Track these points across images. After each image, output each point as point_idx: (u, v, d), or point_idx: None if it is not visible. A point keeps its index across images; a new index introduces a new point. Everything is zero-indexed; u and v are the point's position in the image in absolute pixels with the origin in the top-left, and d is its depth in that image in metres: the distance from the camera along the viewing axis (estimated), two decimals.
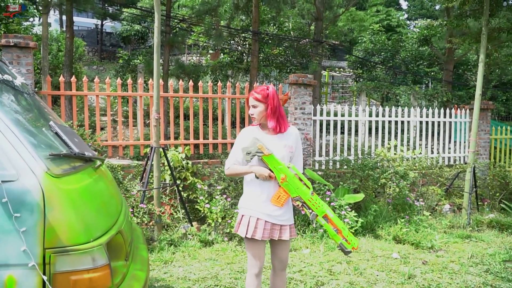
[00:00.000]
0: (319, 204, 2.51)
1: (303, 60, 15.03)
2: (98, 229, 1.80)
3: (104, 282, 1.74)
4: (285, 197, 2.52)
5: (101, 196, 2.03)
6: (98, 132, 5.58)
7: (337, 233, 2.51)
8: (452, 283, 3.93)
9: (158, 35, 4.69)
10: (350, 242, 2.51)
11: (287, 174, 2.49)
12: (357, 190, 6.15)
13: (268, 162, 2.49)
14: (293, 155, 2.66)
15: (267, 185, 2.56)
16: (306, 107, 6.43)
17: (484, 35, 6.31)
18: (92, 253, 1.71)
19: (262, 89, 2.60)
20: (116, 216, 2.06)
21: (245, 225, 2.58)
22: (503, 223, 5.99)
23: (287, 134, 2.66)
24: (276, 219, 2.58)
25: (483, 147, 7.93)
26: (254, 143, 2.49)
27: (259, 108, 2.59)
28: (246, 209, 2.62)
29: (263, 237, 2.56)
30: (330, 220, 2.51)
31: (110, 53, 24.38)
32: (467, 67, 16.64)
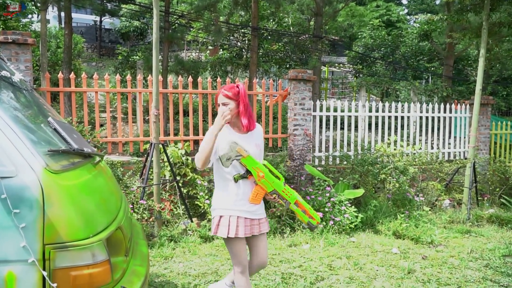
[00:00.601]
0: (291, 192, 2.64)
1: (303, 56, 15.00)
2: (98, 225, 1.80)
3: (104, 278, 1.75)
4: (262, 194, 2.62)
5: (100, 192, 2.03)
6: (97, 129, 5.57)
7: (305, 214, 2.68)
8: (452, 277, 3.94)
9: (157, 31, 4.67)
10: (315, 218, 2.69)
11: (264, 172, 2.57)
12: (357, 185, 6.15)
13: (247, 163, 2.54)
14: (260, 152, 2.71)
15: (242, 183, 2.58)
16: (306, 103, 6.42)
17: (485, 30, 6.29)
18: (92, 248, 1.71)
19: (232, 87, 2.60)
20: (115, 212, 2.06)
21: (226, 225, 2.57)
22: (503, 218, 6.00)
23: (256, 132, 2.69)
24: (254, 214, 2.63)
25: (483, 142, 7.92)
26: (233, 147, 2.54)
27: (229, 105, 2.57)
28: (223, 210, 2.60)
29: (246, 234, 2.59)
30: (300, 204, 2.67)
31: (109, 49, 24.30)
32: (468, 62, 16.60)
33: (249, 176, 2.58)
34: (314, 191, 5.61)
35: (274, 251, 4.50)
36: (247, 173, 2.57)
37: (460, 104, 7.91)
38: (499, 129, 8.44)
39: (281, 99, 6.61)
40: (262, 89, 6.40)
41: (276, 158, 6.13)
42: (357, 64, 17.18)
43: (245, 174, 2.57)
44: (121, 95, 10.97)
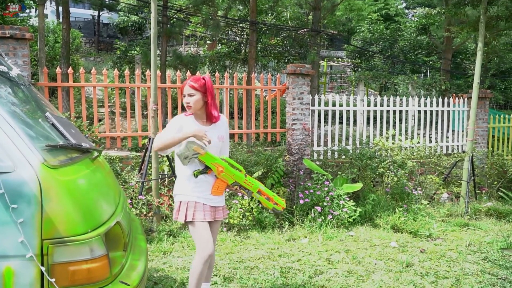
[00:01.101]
0: (253, 182, 2.72)
1: (301, 50, 14.96)
2: (96, 220, 1.80)
3: (102, 273, 1.75)
4: (224, 186, 2.72)
5: (98, 187, 2.03)
6: (95, 124, 5.57)
7: (269, 201, 2.75)
8: (450, 271, 3.96)
9: (155, 25, 4.66)
10: (280, 204, 2.77)
11: (224, 166, 2.64)
12: (356, 179, 6.17)
13: (205, 160, 2.60)
14: (223, 144, 2.79)
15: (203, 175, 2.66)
16: (304, 97, 6.42)
17: (483, 24, 6.28)
18: (90, 243, 1.71)
19: (198, 79, 2.66)
20: (114, 207, 2.06)
21: (184, 211, 2.65)
22: (501, 211, 6.03)
23: (220, 124, 2.77)
24: (212, 201, 2.71)
25: (481, 135, 7.93)
26: (189, 147, 2.58)
27: (195, 96, 2.62)
28: (183, 196, 2.68)
29: (205, 218, 2.66)
30: (263, 192, 2.75)
31: (107, 44, 24.21)
32: (466, 56, 16.58)
33: (209, 171, 2.65)
34: (313, 185, 5.62)
35: (273, 246, 4.52)
36: (207, 169, 2.64)
37: (458, 98, 7.91)
38: (497, 123, 8.45)
39: (279, 94, 6.60)
40: (261, 84, 6.39)
41: (275, 152, 6.14)
42: (356, 58, 17.14)
43: (205, 170, 2.64)
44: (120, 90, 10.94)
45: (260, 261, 4.06)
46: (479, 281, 3.72)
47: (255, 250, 4.36)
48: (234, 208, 4.96)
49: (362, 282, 3.65)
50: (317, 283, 3.58)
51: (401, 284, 3.61)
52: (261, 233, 4.90)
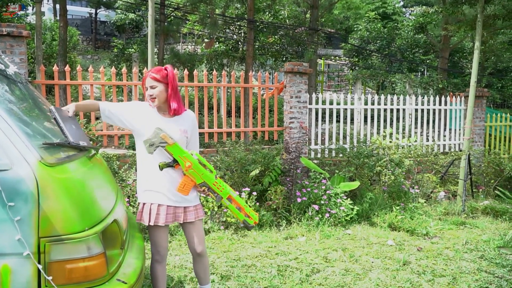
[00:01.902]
0: (223, 186, 2.55)
1: (299, 49, 14.95)
2: (93, 217, 1.80)
3: (99, 271, 1.75)
4: (191, 185, 2.52)
5: (95, 185, 2.03)
6: (93, 122, 5.55)
7: (240, 211, 2.58)
8: (447, 269, 3.97)
9: (152, 23, 4.65)
10: (252, 218, 2.60)
11: (192, 162, 2.47)
12: (353, 178, 6.17)
13: (172, 151, 2.44)
14: (189, 140, 2.61)
15: (169, 170, 2.51)
16: (302, 96, 6.42)
17: (480, 22, 6.29)
18: (87, 241, 1.71)
19: (160, 69, 2.53)
20: (111, 205, 2.06)
21: (147, 213, 2.54)
22: (498, 210, 6.05)
23: (184, 118, 2.61)
24: (177, 202, 2.55)
25: (478, 134, 7.96)
26: (157, 133, 2.41)
27: (158, 88, 2.49)
28: (146, 196, 2.56)
29: (167, 222, 2.55)
30: (234, 200, 2.57)
31: (105, 42, 24.16)
32: (463, 55, 16.62)
33: (176, 165, 2.48)
34: (310, 183, 5.63)
35: (270, 244, 4.52)
36: (174, 162, 2.47)
37: (455, 96, 7.93)
38: (494, 121, 8.47)
39: (277, 92, 6.60)
40: (258, 82, 6.38)
41: (272, 151, 6.14)
42: (353, 57, 17.16)
43: (172, 163, 2.47)
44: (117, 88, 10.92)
45: (258, 259, 4.06)
46: (476, 280, 3.74)
47: (252, 249, 4.36)
48: None
49: (359, 280, 3.66)
50: (314, 281, 3.59)
51: (398, 283, 3.62)
52: (258, 232, 4.91)
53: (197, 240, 2.68)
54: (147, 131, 2.46)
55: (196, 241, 2.68)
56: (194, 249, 2.71)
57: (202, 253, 2.72)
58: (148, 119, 2.52)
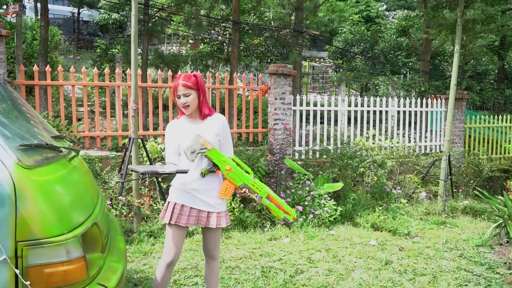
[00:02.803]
0: (261, 186, 2.56)
1: (284, 50, 15.00)
2: (73, 221, 1.77)
3: (79, 275, 1.73)
4: (232, 188, 2.54)
5: (75, 188, 2.00)
6: (74, 123, 5.48)
7: (279, 209, 2.59)
8: (427, 268, 4.03)
9: (135, 24, 4.61)
10: (291, 214, 2.62)
11: (231, 165, 2.50)
12: (336, 179, 6.22)
13: (212, 156, 2.48)
14: (222, 143, 2.62)
15: (198, 171, 2.52)
16: (286, 97, 6.44)
17: (459, 26, 6.42)
18: (67, 245, 1.69)
19: (190, 76, 2.53)
20: (91, 207, 2.03)
21: (170, 211, 2.56)
22: (477, 209, 6.18)
23: (214, 121, 2.62)
24: (204, 206, 2.56)
25: (458, 135, 8.11)
26: (196, 140, 2.46)
27: (192, 95, 2.51)
28: (173, 195, 2.59)
29: (188, 223, 2.55)
30: (272, 199, 2.58)
31: (87, 42, 23.84)
32: (444, 58, 16.91)
33: (217, 170, 2.52)
34: (294, 185, 5.66)
35: (254, 245, 4.52)
36: (214, 166, 2.51)
37: (436, 98, 8.07)
38: (473, 123, 8.64)
39: (261, 94, 6.61)
40: (243, 84, 6.39)
41: (257, 152, 6.15)
42: (337, 59, 17.30)
43: (212, 168, 2.50)
44: (100, 89, 10.79)
45: (242, 261, 4.06)
46: (455, 278, 3.81)
47: (236, 250, 4.36)
48: None
49: (342, 280, 3.69)
50: (298, 282, 3.61)
51: (380, 282, 3.67)
52: (242, 233, 4.91)
53: (212, 245, 2.70)
54: (185, 142, 2.51)
55: (211, 246, 2.70)
56: (207, 252, 2.73)
57: (214, 257, 2.73)
58: (181, 132, 2.57)
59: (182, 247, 2.66)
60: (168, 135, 2.63)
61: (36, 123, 2.30)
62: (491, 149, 8.76)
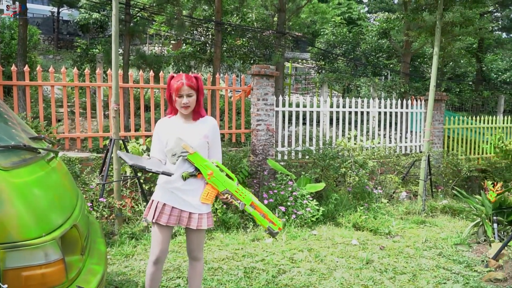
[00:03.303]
0: (245, 193, 2.56)
1: (267, 52, 15.05)
2: (51, 223, 1.75)
3: (58, 277, 1.71)
4: (214, 193, 2.55)
5: (54, 189, 1.97)
6: (54, 124, 5.38)
7: (264, 218, 2.58)
8: (407, 266, 4.10)
9: (116, 23, 4.56)
10: (276, 224, 2.60)
11: (213, 170, 2.51)
12: (319, 179, 6.27)
13: (194, 160, 2.49)
14: (210, 146, 2.64)
15: (181, 172, 2.53)
16: (269, 98, 6.47)
17: (438, 29, 6.55)
18: (45, 248, 1.66)
19: (192, 77, 2.56)
20: (70, 209, 2.01)
21: (153, 209, 2.57)
22: (455, 209, 6.31)
23: (205, 123, 2.64)
24: (185, 206, 2.56)
25: (437, 136, 8.26)
26: (178, 143, 2.47)
27: (193, 97, 2.54)
28: (157, 193, 2.61)
29: (168, 223, 2.55)
30: (257, 207, 2.57)
31: (67, 42, 23.44)
32: (424, 60, 17.22)
33: (198, 174, 2.52)
34: (277, 185, 5.68)
35: (237, 246, 4.52)
36: (196, 171, 2.51)
37: (416, 100, 8.21)
38: (452, 124, 8.82)
39: (244, 95, 6.62)
40: (226, 84, 6.39)
41: (239, 153, 6.15)
42: (320, 60, 17.45)
43: (194, 172, 2.50)
44: (80, 89, 10.62)
45: (224, 262, 4.06)
46: (435, 276, 3.88)
47: (219, 251, 4.35)
48: None
49: (324, 280, 3.72)
50: (280, 282, 3.63)
51: (361, 281, 3.71)
52: (225, 234, 4.90)
53: (195, 246, 2.69)
54: (169, 142, 2.52)
55: (194, 247, 2.69)
56: (190, 253, 2.73)
57: (197, 258, 2.72)
58: (171, 131, 2.57)
59: (168, 245, 2.67)
60: (157, 132, 2.63)
61: (14, 124, 2.25)
62: (469, 149, 8.95)
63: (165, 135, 2.58)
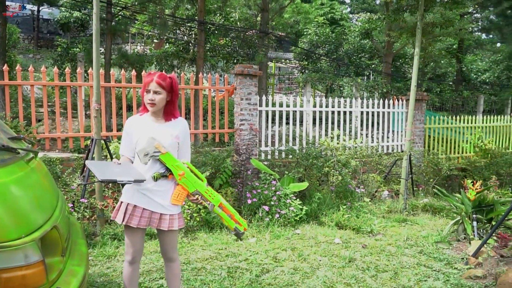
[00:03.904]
0: (214, 194, 2.59)
1: (250, 51, 15.07)
2: (30, 224, 1.72)
3: (38, 279, 1.68)
4: (184, 194, 2.55)
5: (33, 190, 1.94)
6: (34, 124, 5.29)
7: (231, 218, 2.63)
8: (389, 264, 4.16)
9: (97, 22, 4.51)
10: (242, 224, 2.67)
11: (184, 171, 2.52)
12: (302, 179, 6.31)
13: (165, 160, 2.49)
14: (180, 147, 2.63)
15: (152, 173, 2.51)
16: (252, 98, 6.47)
17: (419, 29, 6.66)
18: (24, 249, 1.64)
19: (166, 77, 2.55)
20: (50, 210, 1.98)
21: (122, 211, 2.54)
22: (436, 207, 6.42)
23: (176, 124, 2.64)
24: (156, 207, 2.54)
25: (418, 136, 8.40)
26: (150, 143, 2.46)
27: (162, 95, 2.52)
28: (126, 195, 2.57)
29: (139, 225, 2.53)
30: (224, 208, 2.61)
31: (48, 41, 23.06)
32: (405, 60, 17.47)
33: (169, 175, 2.51)
34: (260, 185, 5.69)
35: (221, 246, 4.52)
36: (167, 171, 2.51)
37: (398, 100, 8.33)
38: (433, 123, 8.97)
39: (227, 94, 6.61)
40: (209, 84, 6.37)
41: (223, 153, 6.14)
42: (303, 60, 17.54)
43: (165, 173, 2.50)
44: (61, 89, 10.45)
45: (208, 262, 4.05)
46: (416, 273, 3.95)
47: (202, 251, 4.34)
48: (182, 209, 4.90)
49: (307, 278, 3.75)
50: (264, 282, 3.64)
51: (344, 279, 3.75)
52: (209, 234, 4.89)
53: (169, 247, 2.68)
54: (141, 141, 2.49)
55: (168, 248, 2.68)
56: (164, 255, 2.73)
57: (172, 259, 2.71)
58: (142, 129, 2.55)
59: (142, 246, 2.66)
60: (128, 129, 2.61)
61: None
62: (449, 148, 9.11)
63: (136, 133, 2.56)
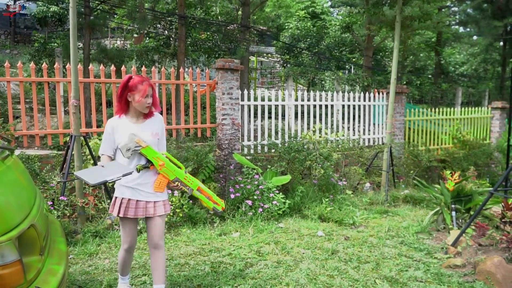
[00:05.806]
0: (192, 180, 2.87)
1: (231, 46, 14.98)
2: (6, 223, 1.68)
3: (15, 279, 1.65)
4: (165, 182, 2.82)
5: (10, 188, 1.89)
6: (11, 121, 5.16)
7: (209, 200, 2.92)
8: (371, 255, 4.22)
9: (74, 16, 4.42)
10: (220, 204, 2.97)
11: (164, 161, 2.78)
12: (285, 172, 6.33)
13: (146, 153, 2.74)
14: (159, 142, 2.88)
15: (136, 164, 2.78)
16: (234, 92, 6.45)
17: (398, 23, 6.73)
18: (0, 249, 1.60)
19: (147, 78, 2.80)
20: (28, 209, 1.94)
21: (118, 205, 2.80)
22: (416, 198, 6.53)
23: (154, 121, 2.88)
24: (148, 197, 2.80)
25: (399, 128, 8.51)
26: (131, 139, 2.70)
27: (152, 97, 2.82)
28: (119, 191, 2.82)
29: (135, 215, 2.80)
30: (202, 191, 2.91)
31: (25, 36, 22.49)
32: (385, 54, 17.65)
33: (151, 166, 2.75)
34: (243, 179, 5.69)
35: (204, 241, 4.51)
36: (149, 163, 2.75)
37: (378, 93, 8.42)
38: (413, 116, 9.10)
39: (209, 89, 6.57)
40: (190, 79, 6.32)
41: (205, 147, 6.11)
42: (285, 54, 17.54)
43: (147, 164, 2.76)
44: (38, 85, 10.22)
45: (191, 257, 4.04)
46: (397, 264, 4.01)
47: (186, 247, 4.33)
48: None
49: (291, 271, 3.77)
50: (247, 276, 3.65)
51: (327, 271, 3.79)
52: (192, 229, 4.88)
53: (158, 233, 2.85)
54: (123, 139, 2.73)
55: (156, 233, 2.85)
56: (150, 241, 2.89)
57: (159, 245, 2.88)
58: (123, 130, 2.76)
59: (136, 234, 2.97)
60: (109, 129, 2.81)
61: None
62: (429, 140, 9.27)
63: (117, 132, 2.77)
